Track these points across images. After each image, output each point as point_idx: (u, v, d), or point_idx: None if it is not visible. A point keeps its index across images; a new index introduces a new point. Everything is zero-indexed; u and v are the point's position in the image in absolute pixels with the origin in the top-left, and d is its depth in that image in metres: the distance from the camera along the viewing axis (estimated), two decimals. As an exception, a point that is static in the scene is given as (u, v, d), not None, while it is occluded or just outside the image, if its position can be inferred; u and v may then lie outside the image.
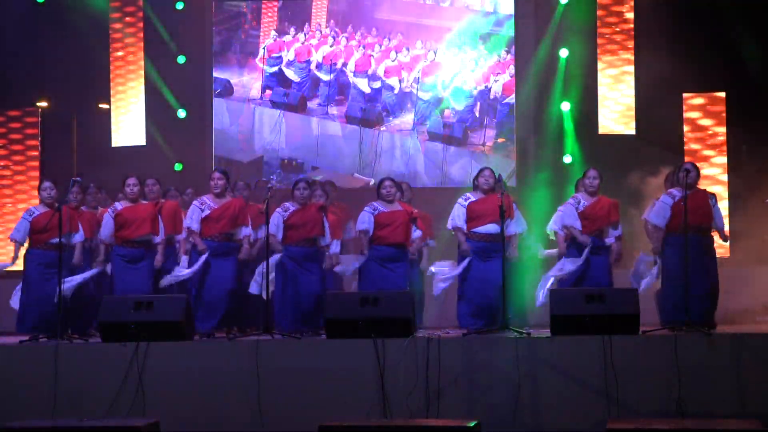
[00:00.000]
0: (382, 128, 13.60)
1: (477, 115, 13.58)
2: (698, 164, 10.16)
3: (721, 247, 10.47)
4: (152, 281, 10.06)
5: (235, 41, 14.01)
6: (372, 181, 13.13)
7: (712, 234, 9.73)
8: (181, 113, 13.74)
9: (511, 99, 13.52)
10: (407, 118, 13.58)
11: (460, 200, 9.96)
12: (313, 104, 13.81)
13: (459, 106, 13.58)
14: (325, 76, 13.77)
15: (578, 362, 8.13)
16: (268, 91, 13.88)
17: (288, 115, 13.82)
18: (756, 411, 7.75)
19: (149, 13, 13.78)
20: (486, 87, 13.55)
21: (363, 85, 13.67)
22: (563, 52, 13.44)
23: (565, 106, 13.41)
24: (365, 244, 9.97)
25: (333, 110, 13.73)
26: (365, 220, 9.97)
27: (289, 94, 13.81)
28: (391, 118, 13.61)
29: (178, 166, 13.44)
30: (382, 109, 13.66)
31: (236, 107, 13.92)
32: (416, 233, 10.17)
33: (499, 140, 13.50)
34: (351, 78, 13.72)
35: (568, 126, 13.37)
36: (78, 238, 9.92)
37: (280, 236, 9.89)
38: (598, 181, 10.01)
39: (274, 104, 13.85)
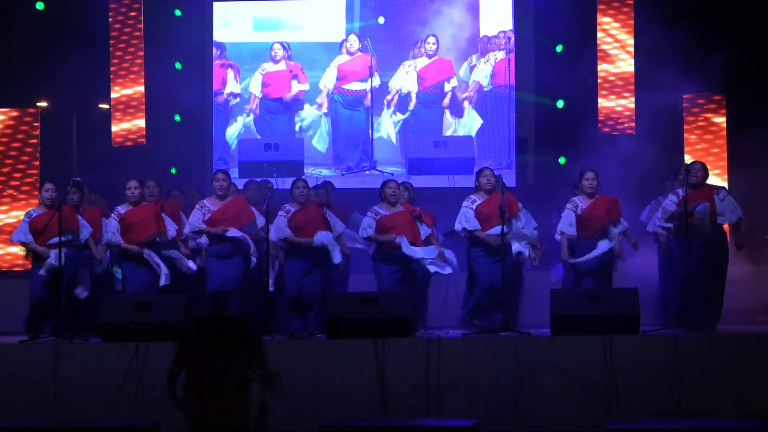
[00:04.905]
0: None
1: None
2: (698, 164, 10.13)
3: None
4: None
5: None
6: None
7: (725, 230, 9.72)
8: (178, 118, 13.75)
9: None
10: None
11: (466, 203, 9.92)
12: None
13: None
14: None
15: (578, 362, 8.13)
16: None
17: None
18: (756, 411, 7.75)
19: (149, 18, 13.79)
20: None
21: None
22: (562, 51, 13.44)
23: (561, 105, 13.44)
24: (368, 246, 9.99)
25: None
26: (368, 226, 9.92)
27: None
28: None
29: (173, 170, 13.48)
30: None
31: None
32: (426, 231, 10.05)
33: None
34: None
35: (567, 126, 13.37)
36: (86, 233, 9.90)
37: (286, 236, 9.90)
38: (596, 182, 9.96)
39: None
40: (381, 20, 13.87)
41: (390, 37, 13.85)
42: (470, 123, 13.67)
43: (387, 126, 13.72)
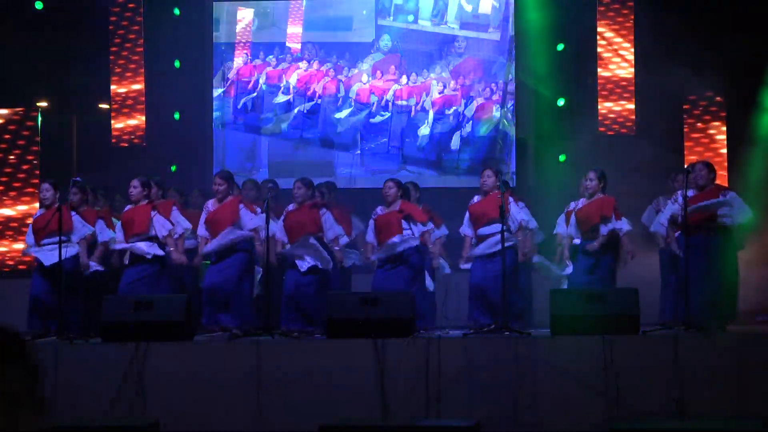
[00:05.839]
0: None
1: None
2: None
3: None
4: (150, 282, 10.00)
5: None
6: None
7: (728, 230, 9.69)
8: (177, 116, 13.77)
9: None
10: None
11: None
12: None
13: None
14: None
15: (578, 362, 8.12)
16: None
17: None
18: (756, 411, 7.75)
19: (148, 17, 13.79)
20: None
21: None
22: (562, 50, 13.45)
23: (561, 103, 13.45)
24: (369, 251, 10.08)
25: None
26: (370, 229, 10.10)
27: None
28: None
29: (173, 168, 13.51)
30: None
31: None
32: (420, 228, 10.07)
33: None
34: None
35: (567, 125, 13.37)
36: (77, 236, 9.86)
37: (285, 239, 9.94)
38: (595, 182, 9.83)
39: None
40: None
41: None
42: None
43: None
